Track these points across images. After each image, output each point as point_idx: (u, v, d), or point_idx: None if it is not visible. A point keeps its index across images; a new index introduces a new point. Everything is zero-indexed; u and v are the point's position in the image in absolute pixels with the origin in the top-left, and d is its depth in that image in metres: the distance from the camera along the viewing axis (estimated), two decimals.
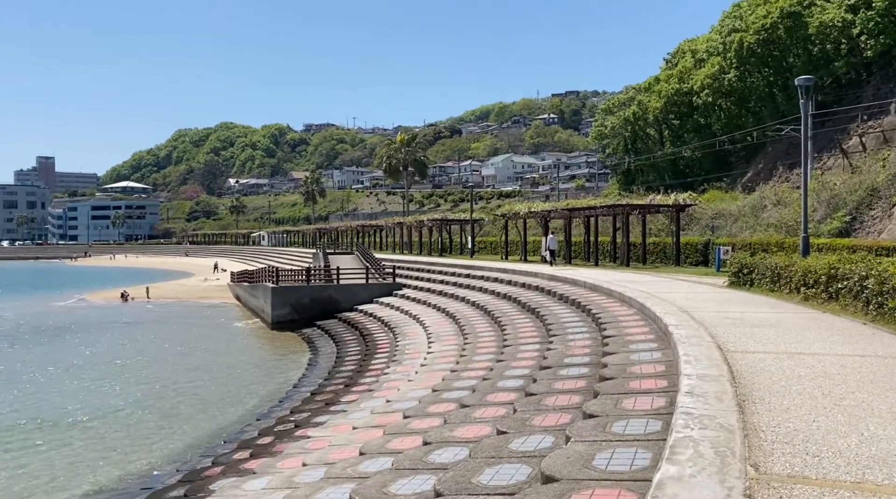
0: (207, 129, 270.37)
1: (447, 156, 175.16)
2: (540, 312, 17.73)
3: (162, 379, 20.47)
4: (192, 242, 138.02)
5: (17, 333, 30.75)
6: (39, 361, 23.61)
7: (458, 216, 47.94)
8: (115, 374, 21.36)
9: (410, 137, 65.24)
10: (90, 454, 13.42)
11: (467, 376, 12.37)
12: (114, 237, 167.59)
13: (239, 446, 12.73)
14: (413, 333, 22.10)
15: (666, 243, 30.12)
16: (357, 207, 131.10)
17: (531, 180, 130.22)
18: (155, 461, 12.83)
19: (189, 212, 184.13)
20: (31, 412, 16.62)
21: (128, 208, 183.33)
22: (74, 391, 18.88)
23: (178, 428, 15.33)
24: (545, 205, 34.49)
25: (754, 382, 6.24)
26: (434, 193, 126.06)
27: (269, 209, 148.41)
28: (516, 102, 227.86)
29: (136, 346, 26.88)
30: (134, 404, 17.32)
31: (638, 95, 68.82)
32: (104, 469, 12.41)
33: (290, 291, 31.43)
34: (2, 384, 19.93)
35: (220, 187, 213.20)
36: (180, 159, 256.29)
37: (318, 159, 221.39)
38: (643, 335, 10.99)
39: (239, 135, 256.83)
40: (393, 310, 28.31)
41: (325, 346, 25.55)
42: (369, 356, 20.27)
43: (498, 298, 23.45)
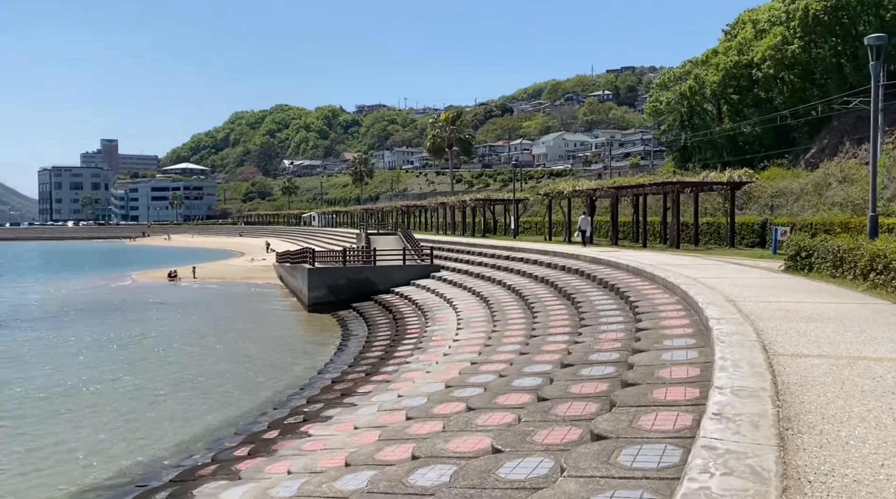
0: (263, 111, 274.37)
1: (498, 135, 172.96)
2: (575, 298, 16.51)
3: (186, 362, 20.07)
4: (246, 222, 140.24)
5: (61, 312, 31.07)
6: (73, 339, 23.58)
7: (502, 196, 46.56)
8: (142, 355, 21.08)
9: (455, 114, 63.73)
10: (89, 442, 12.93)
11: (485, 370, 11.30)
12: (172, 218, 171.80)
13: (244, 440, 12.00)
14: (444, 318, 21.14)
15: (720, 224, 28.23)
16: (406, 187, 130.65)
17: (583, 159, 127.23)
18: (157, 454, 12.22)
19: (245, 193, 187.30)
20: (54, 388, 16.36)
21: (186, 189, 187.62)
22: (99, 370, 18.62)
23: (194, 414, 14.78)
24: (590, 183, 32.85)
25: (804, 399, 4.98)
26: (483, 173, 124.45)
27: (321, 190, 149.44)
28: (570, 79, 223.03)
29: (169, 327, 26.72)
30: (150, 388, 16.87)
31: (694, 69, 65.76)
32: (94, 463, 11.84)
33: (327, 273, 30.84)
34: (36, 360, 19.86)
35: (275, 169, 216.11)
36: (237, 141, 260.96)
37: (370, 140, 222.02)
38: (681, 329, 9.68)
39: (293, 117, 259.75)
40: (428, 292, 27.40)
41: (357, 329, 24.83)
42: (397, 342, 19.40)
43: (535, 281, 22.32)
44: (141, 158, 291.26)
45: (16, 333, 25.32)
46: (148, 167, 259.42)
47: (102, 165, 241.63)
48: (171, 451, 12.43)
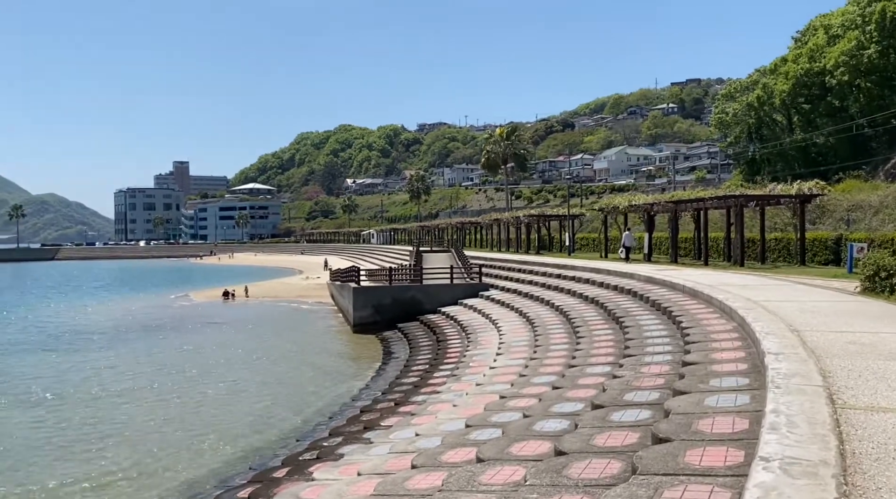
0: (327, 131, 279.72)
1: (558, 151, 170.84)
2: (624, 322, 15.18)
3: (222, 384, 19.51)
4: (308, 240, 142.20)
5: (115, 332, 31.32)
6: (117, 360, 23.49)
7: (557, 211, 45.09)
8: (181, 374, 20.67)
9: (510, 129, 62.54)
10: (147, 459, 12.64)
11: (512, 405, 10.14)
12: (239, 236, 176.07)
13: (252, 479, 11.16)
14: (486, 341, 20.00)
15: (789, 239, 26.14)
16: (466, 204, 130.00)
17: (646, 173, 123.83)
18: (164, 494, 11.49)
19: (308, 211, 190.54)
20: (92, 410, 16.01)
21: (252, 209, 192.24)
22: (140, 390, 18.25)
23: (216, 442, 14.11)
24: (647, 197, 31.14)
25: (880, 482, 3.68)
26: (543, 189, 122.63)
27: (381, 208, 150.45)
28: (633, 93, 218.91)
29: (214, 347, 26.42)
30: (175, 410, 16.31)
31: (762, 78, 62.86)
32: (163, 474, 11.28)
33: (372, 292, 30.12)
34: (83, 379, 19.69)
35: (338, 187, 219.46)
36: (302, 161, 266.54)
37: (431, 158, 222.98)
38: (733, 364, 8.32)
39: (356, 136, 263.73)
40: (474, 313, 26.31)
41: (399, 351, 23.92)
42: (434, 367, 18.36)
43: (584, 302, 21.01)
44: (211, 179, 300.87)
45: (68, 354, 25.44)
46: (217, 188, 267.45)
47: (174, 187, 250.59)
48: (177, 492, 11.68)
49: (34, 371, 22.03)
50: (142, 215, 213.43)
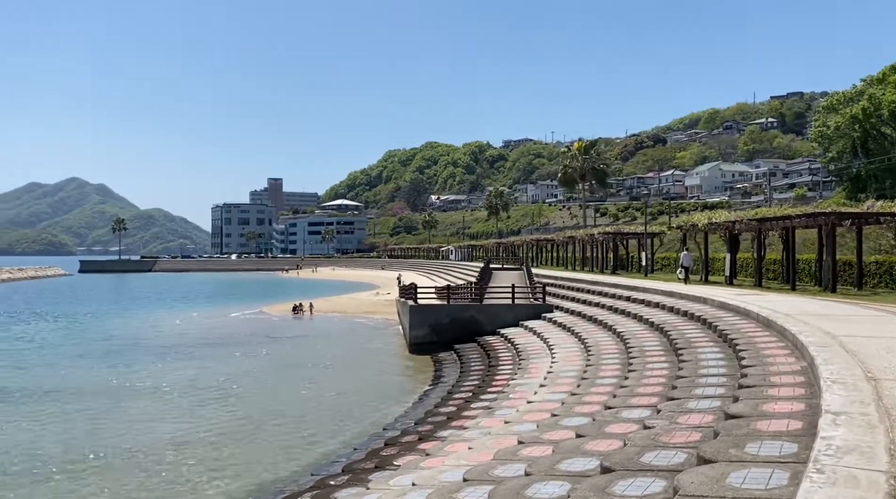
0: (414, 149, 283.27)
1: (648, 166, 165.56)
2: (682, 355, 13.46)
3: (251, 405, 18.78)
4: (390, 255, 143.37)
5: (179, 345, 31.52)
6: (178, 374, 23.34)
7: (634, 229, 42.62)
8: (219, 392, 20.14)
9: (589, 144, 60.18)
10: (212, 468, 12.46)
11: (524, 455, 8.70)
12: (325, 251, 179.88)
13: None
14: (535, 369, 18.45)
15: (893, 263, 23.15)
16: (548, 220, 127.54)
17: (741, 190, 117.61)
18: None
19: (392, 227, 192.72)
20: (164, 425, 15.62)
21: (338, 224, 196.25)
22: (191, 406, 17.81)
23: (251, 462, 13.58)
24: (729, 215, 28.58)
25: None
26: (630, 206, 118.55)
27: (463, 224, 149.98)
28: (730, 107, 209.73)
29: (267, 364, 25.98)
30: (188, 435, 15.61)
31: (869, 89, 58.20)
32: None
33: (430, 311, 28.97)
34: (160, 390, 19.55)
35: (422, 204, 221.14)
36: (389, 178, 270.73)
37: (516, 174, 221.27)
38: (784, 422, 6.60)
39: (442, 153, 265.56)
40: (533, 336, 24.71)
41: (449, 376, 22.59)
42: (474, 398, 16.93)
43: (649, 329, 19.22)
44: (302, 195, 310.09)
45: (117, 367, 25.59)
46: (308, 204, 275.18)
47: (267, 202, 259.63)
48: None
49: (97, 379, 22.08)
50: (236, 229, 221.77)
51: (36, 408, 18.61)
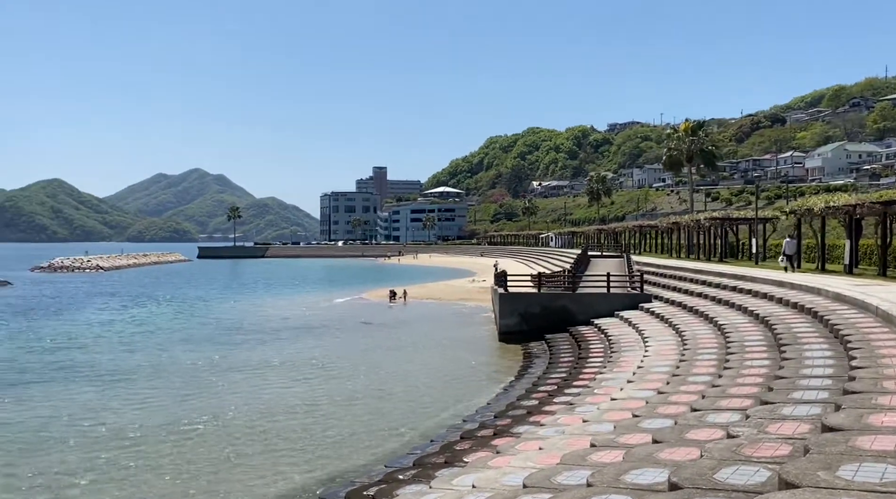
0: (515, 135, 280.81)
1: (765, 148, 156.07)
2: (786, 353, 12.34)
3: (334, 389, 18.85)
4: (489, 242, 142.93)
5: (277, 329, 32.46)
6: (271, 356, 23.97)
7: (744, 214, 39.92)
8: (317, 375, 20.39)
9: (696, 125, 56.84)
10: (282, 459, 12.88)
11: (593, 460, 8.00)
12: (426, 238, 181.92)
13: (348, 495, 10.23)
14: (626, 363, 17.46)
15: None
16: (655, 206, 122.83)
17: (869, 172, 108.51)
18: None
19: (493, 214, 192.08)
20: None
21: (439, 211, 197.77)
22: (278, 387, 18.19)
23: (328, 447, 13.68)
24: (848, 197, 26.02)
25: None
26: (744, 190, 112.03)
27: (564, 210, 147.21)
28: (857, 83, 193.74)
29: (358, 348, 26.21)
30: (305, 409, 15.78)
31: None
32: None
33: (520, 299, 28.26)
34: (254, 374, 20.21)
35: (524, 190, 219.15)
36: (490, 165, 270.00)
37: (621, 159, 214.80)
38: (893, 443, 5.55)
39: (544, 139, 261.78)
40: (628, 328, 23.55)
41: (537, 367, 21.87)
42: (559, 391, 16.18)
43: (754, 321, 17.95)
44: (406, 183, 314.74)
45: (218, 348, 26.54)
46: (411, 191, 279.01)
47: (372, 191, 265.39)
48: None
49: (198, 360, 23.01)
50: (343, 217, 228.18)
51: (139, 386, 19.51)
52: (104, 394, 18.63)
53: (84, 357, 24.21)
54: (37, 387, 19.53)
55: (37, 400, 17.91)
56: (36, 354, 25.02)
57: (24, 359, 23.85)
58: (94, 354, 25.03)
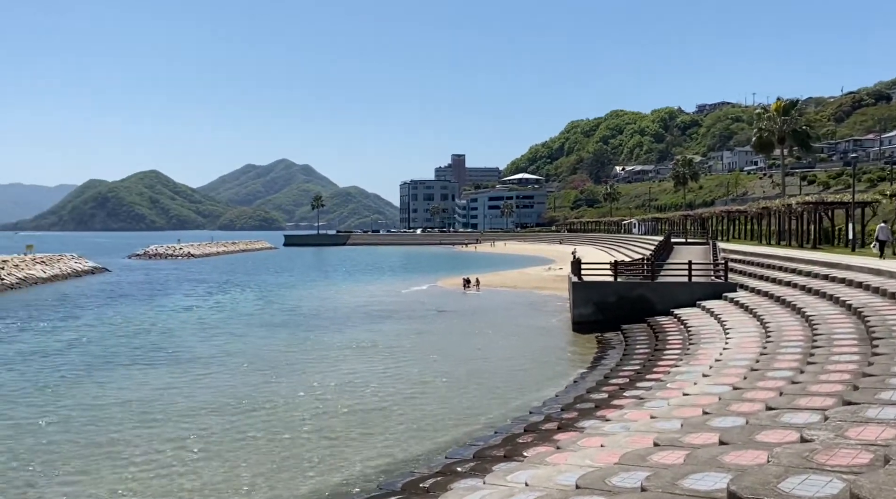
0: (598, 118, 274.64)
1: (868, 127, 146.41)
2: (878, 347, 11.63)
3: (398, 376, 18.79)
4: (569, 229, 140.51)
5: (347, 315, 32.83)
6: (332, 342, 24.28)
7: (840, 198, 37.39)
8: (386, 363, 20.45)
9: (788, 104, 53.40)
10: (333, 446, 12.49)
11: (652, 462, 7.51)
12: (505, 225, 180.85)
13: (404, 486, 10.14)
14: (704, 356, 16.61)
15: None
16: (746, 190, 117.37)
17: None
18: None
19: (573, 200, 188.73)
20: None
21: (518, 198, 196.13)
22: (338, 373, 18.39)
23: (392, 435, 13.59)
24: None
25: None
26: (844, 172, 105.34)
27: (649, 196, 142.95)
28: None
29: (421, 335, 26.16)
30: (374, 395, 15.83)
31: None
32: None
33: (595, 288, 27.45)
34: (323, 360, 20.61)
35: (606, 175, 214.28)
36: (571, 150, 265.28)
37: (710, 141, 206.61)
38: None
39: (628, 122, 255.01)
40: (710, 318, 22.49)
41: (611, 358, 21.14)
42: (630, 384, 15.54)
43: (846, 312, 17.00)
44: (484, 170, 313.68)
45: (293, 334, 27.08)
46: (489, 179, 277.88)
47: (450, 178, 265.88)
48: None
49: (272, 347, 23.57)
50: (422, 205, 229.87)
51: (215, 369, 20.09)
52: (182, 376, 19.26)
53: (167, 341, 25.20)
54: (126, 369, 20.39)
55: (123, 381, 18.69)
56: (124, 338, 26.23)
57: (112, 342, 25.03)
58: (177, 338, 26.01)
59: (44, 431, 14.25)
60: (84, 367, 20.64)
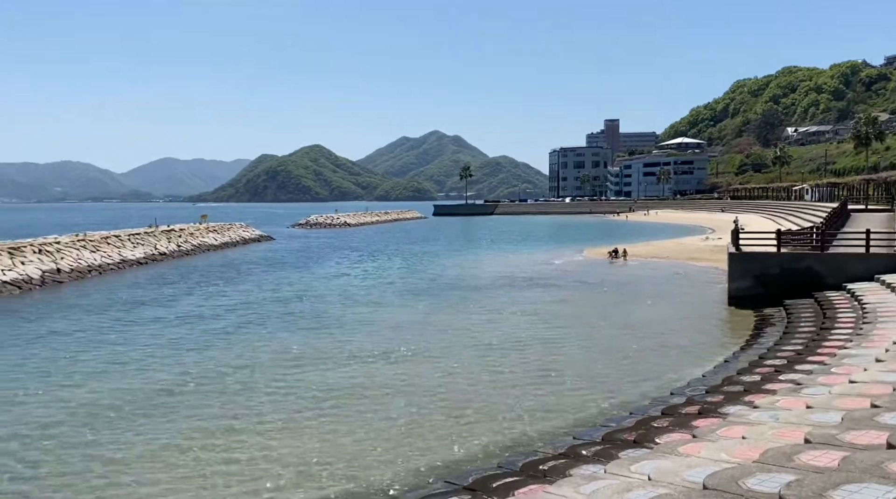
0: (767, 76, 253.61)
1: None
2: None
3: (528, 349, 18.14)
4: (732, 196, 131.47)
5: (493, 283, 32.55)
6: (464, 314, 24.12)
7: None
8: (520, 337, 19.96)
9: None
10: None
11: (797, 463, 6.38)
12: (661, 193, 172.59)
13: (524, 467, 9.70)
14: (880, 336, 14.60)
15: None
16: None
17: None
18: None
19: (738, 165, 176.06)
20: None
21: (675, 164, 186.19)
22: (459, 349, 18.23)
23: (519, 411, 13.15)
24: None
25: None
26: None
27: (825, 159, 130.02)
28: None
29: (569, 308, 25.26)
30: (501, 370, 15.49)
31: None
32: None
33: (755, 260, 25.08)
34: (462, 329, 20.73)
35: (775, 138, 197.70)
36: (737, 111, 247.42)
37: None
38: None
39: (802, 79, 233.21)
40: (891, 294, 19.90)
41: (769, 336, 19.17)
42: (788, 367, 13.88)
43: None
44: (639, 135, 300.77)
45: (432, 302, 27.22)
46: (645, 144, 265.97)
47: (603, 145, 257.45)
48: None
49: (409, 315, 23.89)
50: (572, 173, 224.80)
51: (355, 335, 20.54)
52: (327, 339, 19.88)
53: (315, 307, 26.24)
54: (273, 333, 21.43)
55: (272, 342, 19.63)
56: (277, 303, 27.66)
57: (266, 308, 26.43)
58: (326, 304, 27.02)
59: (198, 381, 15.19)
60: (235, 328, 21.93)
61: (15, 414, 13.49)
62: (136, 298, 28.88)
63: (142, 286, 32.76)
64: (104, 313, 25.04)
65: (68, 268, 35.44)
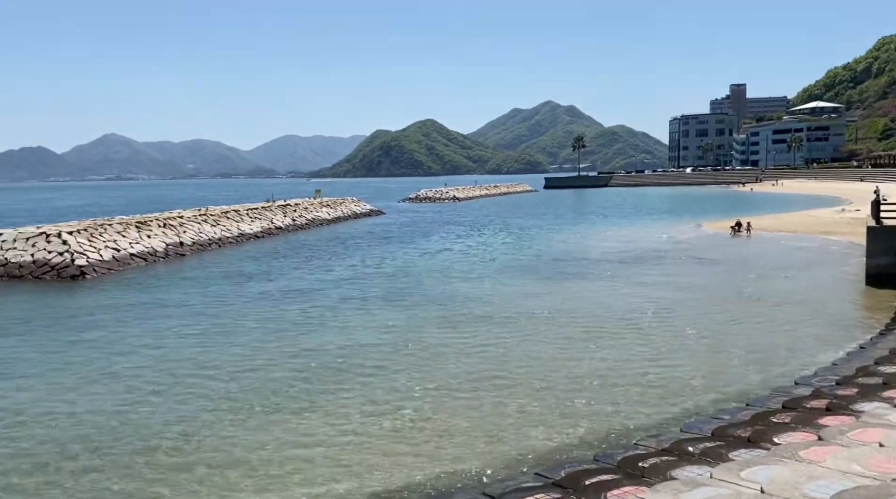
0: None
1: None
2: None
3: (623, 334, 16.96)
4: (874, 164, 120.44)
5: (599, 260, 31.28)
6: (561, 292, 23.13)
7: None
8: (621, 315, 18.82)
9: None
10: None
11: None
12: (791, 161, 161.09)
13: (621, 463, 8.87)
14: None
15: None
16: None
17: None
18: None
19: (882, 130, 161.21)
20: None
21: (808, 131, 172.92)
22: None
23: (612, 402, 12.19)
24: None
25: None
26: None
27: None
28: None
29: (681, 288, 23.65)
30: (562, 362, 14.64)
31: None
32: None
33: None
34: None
35: None
36: (881, 71, 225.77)
37: None
38: None
39: None
40: None
41: None
42: None
43: None
44: (768, 100, 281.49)
45: (531, 280, 26.39)
46: (775, 110, 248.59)
47: (728, 111, 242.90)
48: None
49: (504, 294, 23.25)
50: (693, 142, 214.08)
51: (447, 312, 20.10)
52: (425, 318, 19.60)
53: (417, 283, 26.03)
54: (375, 309, 21.41)
55: (359, 320, 19.60)
56: (380, 278, 27.71)
57: (359, 284, 26.29)
58: (426, 279, 26.79)
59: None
60: (337, 303, 22.11)
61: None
62: (249, 271, 29.88)
63: (256, 259, 33.94)
64: (222, 284, 26.08)
65: (190, 241, 37.32)
